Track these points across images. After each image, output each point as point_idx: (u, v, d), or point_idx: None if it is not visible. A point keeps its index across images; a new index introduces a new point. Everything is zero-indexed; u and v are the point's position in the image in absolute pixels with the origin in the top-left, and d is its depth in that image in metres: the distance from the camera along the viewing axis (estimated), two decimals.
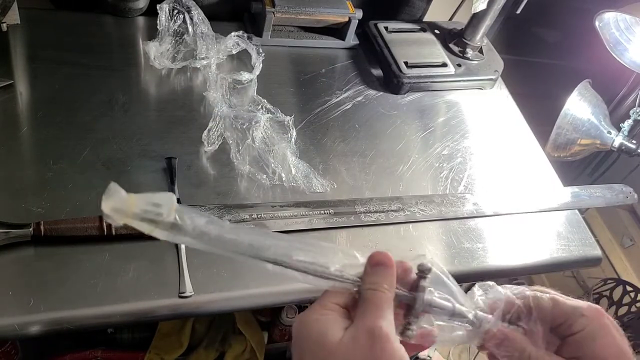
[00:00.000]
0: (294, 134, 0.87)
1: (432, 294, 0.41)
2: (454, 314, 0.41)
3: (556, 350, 0.42)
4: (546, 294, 0.43)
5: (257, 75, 0.95)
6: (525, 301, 0.42)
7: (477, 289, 0.44)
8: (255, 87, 0.94)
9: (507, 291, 0.43)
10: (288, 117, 0.88)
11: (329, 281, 0.40)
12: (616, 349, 0.40)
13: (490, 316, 0.42)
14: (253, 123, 0.86)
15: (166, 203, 0.36)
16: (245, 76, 0.93)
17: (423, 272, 0.41)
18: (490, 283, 0.44)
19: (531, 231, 0.88)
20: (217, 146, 0.83)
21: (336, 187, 0.84)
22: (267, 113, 0.88)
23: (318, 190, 0.83)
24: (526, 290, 0.43)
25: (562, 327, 0.41)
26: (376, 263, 0.41)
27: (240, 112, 0.87)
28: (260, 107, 0.90)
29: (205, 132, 0.83)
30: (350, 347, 0.37)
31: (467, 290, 0.44)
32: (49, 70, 0.87)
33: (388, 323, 0.38)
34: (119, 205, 0.35)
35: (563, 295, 0.43)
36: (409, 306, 0.41)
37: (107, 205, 0.35)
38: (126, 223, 0.35)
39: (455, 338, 0.42)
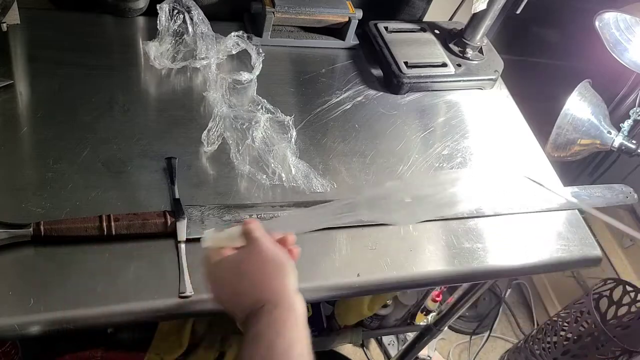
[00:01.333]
0: (294, 134, 0.86)
1: None
2: None
3: None
4: None
5: (257, 75, 0.95)
6: None
7: None
8: (255, 87, 0.94)
9: None
10: (288, 117, 0.88)
11: None
12: None
13: None
14: (253, 123, 0.86)
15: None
16: (245, 76, 0.93)
17: None
18: None
19: (531, 231, 0.88)
20: (217, 146, 0.83)
21: (336, 187, 0.84)
22: (267, 113, 0.88)
23: (318, 190, 0.83)
24: None
25: None
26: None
27: (240, 112, 0.87)
28: (260, 107, 0.90)
29: (205, 132, 0.83)
30: (240, 256, 0.57)
31: None
32: (49, 70, 0.87)
33: (260, 235, 0.56)
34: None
35: None
36: None
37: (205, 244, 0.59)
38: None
39: None
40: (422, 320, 1.54)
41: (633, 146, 1.13)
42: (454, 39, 1.11)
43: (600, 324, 1.37)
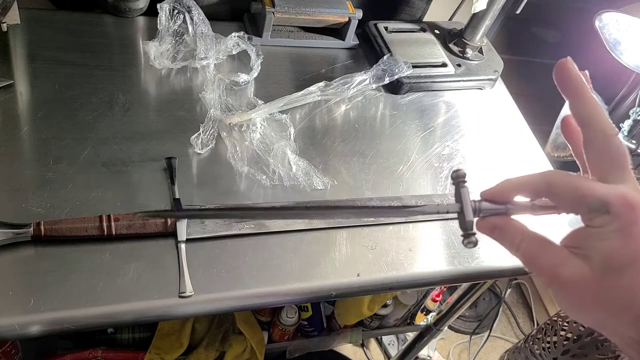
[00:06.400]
0: (293, 131, 0.87)
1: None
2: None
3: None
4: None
5: (258, 75, 0.95)
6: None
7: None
8: (253, 89, 0.94)
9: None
10: (285, 115, 0.88)
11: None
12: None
13: None
14: (250, 125, 0.86)
15: None
16: (242, 77, 0.93)
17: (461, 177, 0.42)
18: None
19: None
20: (210, 149, 0.83)
21: (336, 183, 0.84)
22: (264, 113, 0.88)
23: (319, 188, 0.83)
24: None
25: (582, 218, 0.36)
26: None
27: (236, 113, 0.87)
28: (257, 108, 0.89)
29: (195, 135, 0.82)
30: None
31: None
32: (49, 70, 0.87)
33: None
34: None
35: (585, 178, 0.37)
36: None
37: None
38: None
39: None
40: (422, 320, 1.54)
41: (633, 146, 1.13)
42: (453, 39, 1.11)
43: None
